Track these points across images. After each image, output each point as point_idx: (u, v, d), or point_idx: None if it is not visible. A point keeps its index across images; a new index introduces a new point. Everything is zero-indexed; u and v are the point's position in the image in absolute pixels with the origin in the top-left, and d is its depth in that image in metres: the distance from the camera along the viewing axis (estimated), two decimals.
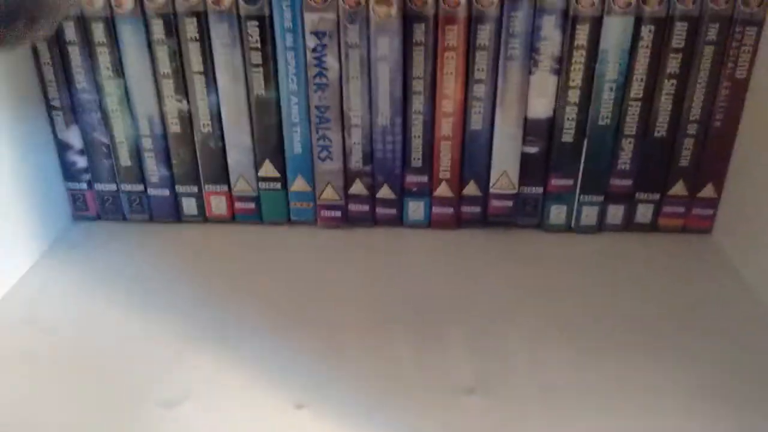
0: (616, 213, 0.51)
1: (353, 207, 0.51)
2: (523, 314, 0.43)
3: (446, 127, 0.48)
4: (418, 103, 0.47)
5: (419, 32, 0.44)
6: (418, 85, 0.46)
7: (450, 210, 0.51)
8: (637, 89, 0.46)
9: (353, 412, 0.36)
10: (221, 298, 0.44)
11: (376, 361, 0.39)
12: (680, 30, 0.44)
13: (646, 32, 0.44)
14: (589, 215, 0.51)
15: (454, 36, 0.44)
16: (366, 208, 0.51)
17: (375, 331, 0.41)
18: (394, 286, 0.45)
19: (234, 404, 0.36)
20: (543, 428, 0.35)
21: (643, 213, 0.51)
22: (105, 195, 0.52)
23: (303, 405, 0.36)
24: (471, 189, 0.50)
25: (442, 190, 0.50)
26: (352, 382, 0.38)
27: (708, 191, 0.50)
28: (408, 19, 0.44)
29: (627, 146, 0.48)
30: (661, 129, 0.48)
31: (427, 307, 0.43)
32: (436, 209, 0.51)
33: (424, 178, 0.49)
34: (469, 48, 0.45)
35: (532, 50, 0.45)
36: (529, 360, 0.39)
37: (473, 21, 0.44)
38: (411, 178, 0.49)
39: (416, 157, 0.49)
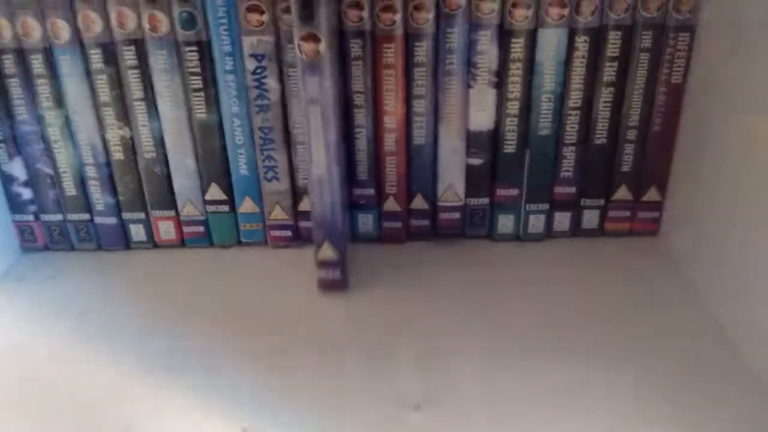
0: (562, 220, 0.51)
1: (303, 225, 0.51)
2: (472, 326, 0.43)
3: (390, 142, 0.48)
4: (360, 117, 0.47)
5: (357, 47, 0.44)
6: (359, 99, 0.46)
7: (399, 224, 0.51)
8: (575, 99, 0.47)
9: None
10: (168, 325, 0.44)
11: (323, 381, 0.39)
12: (614, 39, 0.45)
13: (581, 43, 0.45)
14: (536, 223, 0.51)
15: (391, 54, 0.45)
16: None
17: (323, 350, 0.42)
18: (343, 304, 0.46)
19: None
20: None
21: (590, 219, 0.52)
22: (52, 225, 0.51)
23: (248, 429, 0.36)
24: (418, 202, 0.51)
25: (390, 205, 0.50)
26: (299, 403, 0.38)
27: (652, 194, 0.51)
28: (345, 35, 0.44)
29: (569, 154, 0.49)
30: (601, 136, 0.48)
31: (375, 324, 0.44)
32: (385, 223, 0.51)
33: (371, 191, 0.49)
34: (408, 65, 0.45)
35: (469, 65, 0.45)
36: (478, 372, 0.40)
37: (410, 38, 0.44)
38: (358, 191, 0.49)
39: (362, 171, 0.49)
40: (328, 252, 0.45)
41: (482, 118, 0.47)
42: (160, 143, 0.48)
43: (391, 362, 0.41)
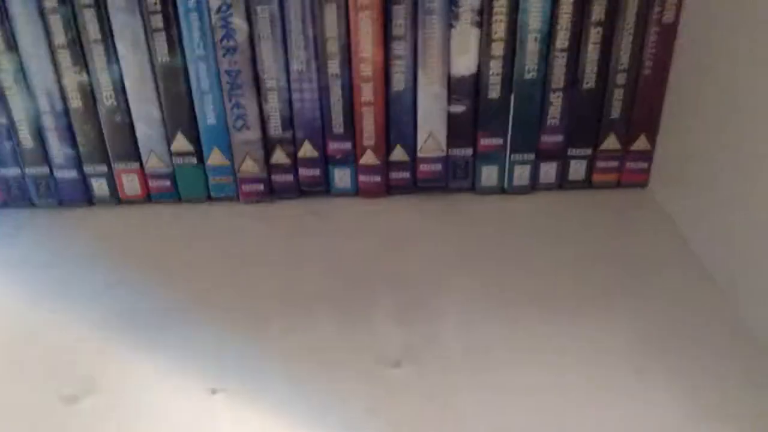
0: (548, 171, 0.49)
1: (276, 178, 0.48)
2: (455, 280, 0.41)
3: (367, 92, 0.45)
4: (334, 66, 0.44)
5: None
6: (333, 46, 0.43)
7: (377, 178, 0.48)
8: (562, 39, 0.44)
9: (272, 393, 0.34)
10: (133, 281, 0.42)
11: (300, 340, 0.37)
12: None
13: None
14: (521, 175, 0.49)
15: None
16: (290, 178, 0.48)
17: (299, 308, 0.39)
18: (320, 260, 0.43)
19: (143, 394, 0.34)
20: (470, 393, 0.33)
21: (577, 170, 0.49)
22: (9, 180, 0.48)
23: (218, 390, 0.34)
24: (398, 154, 0.48)
25: (368, 158, 0.48)
26: (272, 363, 0.36)
27: (641, 143, 0.48)
28: None
29: (555, 100, 0.46)
30: (589, 80, 0.46)
31: (355, 279, 0.41)
32: (362, 177, 0.48)
33: (348, 145, 0.47)
34: (386, 3, 0.42)
35: (451, 2, 0.43)
36: (459, 326, 0.38)
37: None
38: (334, 145, 0.47)
39: (337, 124, 0.46)
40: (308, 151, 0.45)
41: (465, 62, 0.45)
42: (120, 89, 0.45)
43: (369, 317, 0.38)
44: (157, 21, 0.43)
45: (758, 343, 0.36)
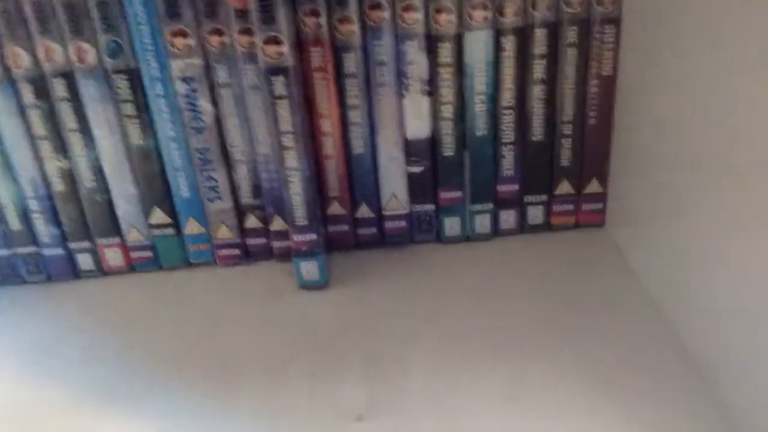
0: (508, 218, 0.52)
1: (251, 242, 0.51)
2: (420, 330, 0.44)
3: (328, 145, 0.48)
4: (291, 160, 0.46)
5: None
6: (289, 141, 0.45)
7: (345, 227, 0.51)
8: (507, 98, 0.47)
9: None
10: (117, 353, 0.44)
11: (271, 400, 0.40)
12: (541, 37, 0.46)
13: (508, 43, 0.46)
14: (482, 223, 0.52)
15: (319, 58, 0.45)
16: (263, 241, 0.51)
17: (272, 368, 0.42)
18: (292, 319, 0.46)
19: None
20: None
21: (535, 215, 0.52)
22: (0, 261, 0.51)
23: None
24: (364, 211, 0.51)
25: (335, 209, 0.50)
26: (245, 423, 0.38)
27: (594, 186, 0.51)
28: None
29: (507, 153, 0.49)
30: (537, 133, 0.49)
31: (325, 337, 0.44)
32: (331, 227, 0.51)
33: (313, 236, 0.48)
34: (339, 75, 0.46)
35: (400, 75, 0.46)
36: (424, 376, 0.40)
37: (338, 50, 0.45)
38: (298, 237, 0.48)
39: (300, 216, 0.47)
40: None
41: (418, 126, 0.48)
42: (99, 171, 0.48)
43: (337, 375, 0.41)
44: (129, 108, 0.46)
45: (707, 381, 0.38)
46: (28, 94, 0.45)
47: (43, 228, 0.50)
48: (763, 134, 0.31)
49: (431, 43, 0.45)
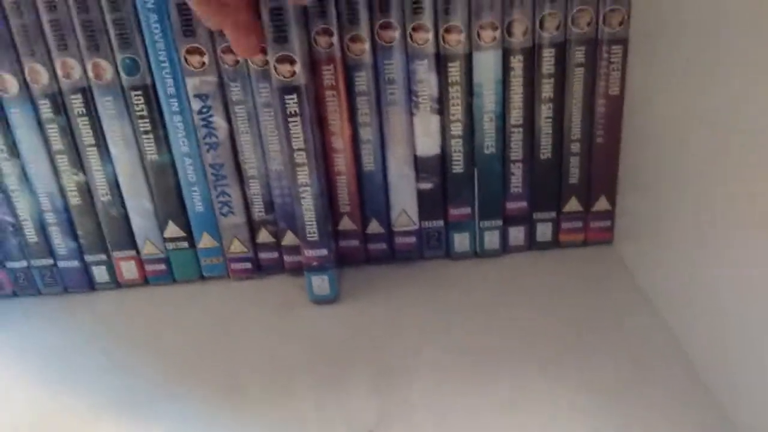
0: (517, 235, 0.52)
1: (263, 256, 0.52)
2: (430, 345, 0.44)
3: (339, 162, 0.49)
4: (304, 176, 0.46)
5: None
6: (301, 157, 0.46)
7: (356, 242, 0.52)
8: (516, 116, 0.48)
9: None
10: (130, 364, 0.45)
11: (282, 412, 0.40)
12: (549, 56, 0.46)
13: (516, 63, 0.46)
14: (491, 240, 0.52)
15: (331, 76, 0.46)
16: (275, 255, 0.52)
17: (283, 381, 0.42)
18: (302, 332, 0.47)
19: None
20: None
21: (543, 232, 0.53)
22: (17, 272, 0.52)
23: None
24: (374, 227, 0.52)
25: (345, 224, 0.51)
26: None
27: (602, 204, 0.52)
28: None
29: (516, 170, 0.50)
30: (545, 151, 0.49)
31: (336, 351, 0.45)
32: (342, 242, 0.52)
33: (324, 252, 0.48)
34: (350, 93, 0.47)
35: (410, 93, 0.47)
36: (434, 390, 0.41)
37: (349, 69, 0.46)
38: (309, 252, 0.48)
39: (311, 232, 0.47)
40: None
41: (428, 144, 0.49)
42: (115, 186, 0.49)
43: (346, 389, 0.41)
44: (145, 124, 0.47)
45: (714, 398, 0.39)
46: (46, 110, 0.46)
47: (59, 241, 0.51)
48: None
49: (441, 63, 0.46)
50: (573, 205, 0.52)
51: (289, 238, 0.51)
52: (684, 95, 0.40)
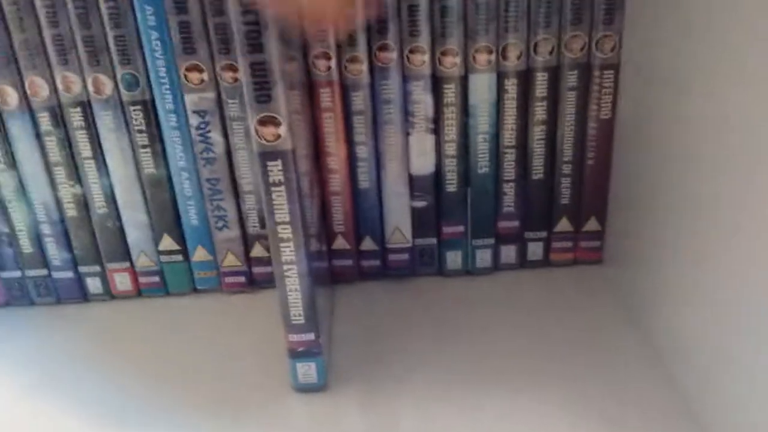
0: (508, 253, 0.53)
1: (256, 270, 0.53)
2: (420, 360, 0.45)
3: (335, 183, 0.49)
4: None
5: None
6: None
7: (349, 262, 0.52)
8: (509, 138, 0.49)
9: None
10: (122, 375, 0.45)
11: (275, 425, 0.41)
12: (542, 80, 0.47)
13: (510, 85, 0.47)
14: (483, 258, 0.53)
15: (328, 98, 0.46)
16: (269, 269, 0.53)
17: (274, 398, 0.43)
18: None
19: None
20: None
21: (534, 251, 0.53)
22: (11, 282, 0.52)
23: None
24: (368, 244, 0.52)
25: (339, 243, 0.52)
26: None
27: (592, 225, 0.53)
28: None
29: (508, 190, 0.51)
30: (538, 172, 0.50)
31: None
32: (335, 261, 0.52)
33: (311, 336, 0.44)
34: (347, 113, 0.47)
35: (406, 114, 0.47)
36: (424, 407, 0.41)
37: (347, 88, 0.46)
38: (294, 338, 0.45)
39: (296, 314, 0.45)
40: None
41: (423, 163, 0.49)
42: (111, 199, 0.49)
43: (336, 408, 0.42)
44: (143, 139, 0.47)
45: (698, 417, 0.39)
46: (45, 122, 0.47)
47: (54, 251, 0.51)
48: (763, 174, 0.32)
49: (437, 84, 0.47)
50: (564, 225, 0.52)
51: None
52: (675, 120, 0.41)
